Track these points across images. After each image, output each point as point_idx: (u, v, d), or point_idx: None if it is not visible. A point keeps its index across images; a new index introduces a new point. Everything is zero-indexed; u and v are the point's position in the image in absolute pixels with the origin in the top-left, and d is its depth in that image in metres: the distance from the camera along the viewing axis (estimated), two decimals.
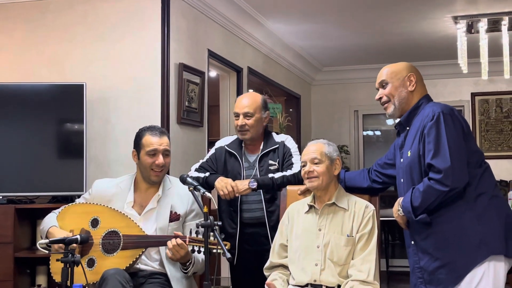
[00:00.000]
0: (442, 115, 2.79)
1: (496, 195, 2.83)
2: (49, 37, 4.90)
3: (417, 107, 2.99)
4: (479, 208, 2.76)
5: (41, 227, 3.34)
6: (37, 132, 4.42)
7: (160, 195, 3.37)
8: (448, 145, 2.72)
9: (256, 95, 3.82)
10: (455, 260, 2.75)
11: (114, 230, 3.19)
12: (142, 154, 3.35)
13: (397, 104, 3.01)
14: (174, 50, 4.81)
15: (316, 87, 9.24)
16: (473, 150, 2.84)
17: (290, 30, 6.89)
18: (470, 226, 2.74)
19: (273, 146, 3.74)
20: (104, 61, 4.77)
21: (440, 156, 2.73)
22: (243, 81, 6.31)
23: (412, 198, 2.82)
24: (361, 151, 9.16)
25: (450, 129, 2.77)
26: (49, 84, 4.54)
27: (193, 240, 3.08)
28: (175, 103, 4.82)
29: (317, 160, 3.21)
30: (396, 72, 3.02)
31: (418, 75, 3.04)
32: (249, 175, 3.68)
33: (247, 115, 3.68)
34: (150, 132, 3.39)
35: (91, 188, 3.49)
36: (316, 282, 3.09)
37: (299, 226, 3.24)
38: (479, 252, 2.71)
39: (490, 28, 6.31)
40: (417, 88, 3.01)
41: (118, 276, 2.96)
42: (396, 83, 3.01)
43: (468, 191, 2.77)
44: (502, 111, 8.52)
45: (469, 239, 2.73)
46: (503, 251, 2.73)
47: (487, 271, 2.71)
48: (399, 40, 7.27)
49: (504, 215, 2.79)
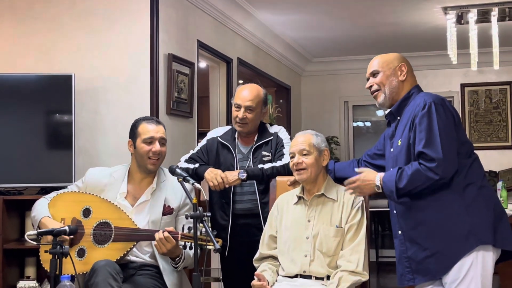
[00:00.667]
0: (434, 105, 2.79)
1: (485, 185, 2.84)
2: (37, 28, 4.86)
3: (408, 97, 2.98)
4: (468, 198, 2.77)
5: (32, 215, 3.31)
6: (25, 123, 4.39)
7: (154, 187, 3.36)
8: (440, 135, 2.73)
9: (260, 89, 3.77)
10: (444, 250, 2.76)
11: (106, 221, 3.18)
12: (138, 142, 3.34)
13: (387, 93, 3.01)
14: (163, 41, 4.78)
15: (307, 78, 9.23)
16: (462, 140, 2.84)
17: (280, 20, 6.88)
18: (459, 216, 2.75)
19: (268, 137, 3.72)
20: (92, 51, 4.74)
21: (432, 146, 2.73)
22: (233, 72, 6.29)
23: (397, 178, 2.80)
24: (351, 142, 9.18)
25: (442, 119, 2.77)
26: (37, 74, 4.51)
27: (185, 236, 3.06)
28: (165, 94, 4.80)
29: (305, 152, 3.20)
30: (387, 62, 3.02)
31: (409, 65, 3.04)
32: (242, 167, 3.65)
33: (249, 108, 3.64)
34: (146, 121, 3.39)
35: (84, 176, 3.46)
36: (305, 273, 3.10)
37: (288, 218, 3.24)
38: (468, 242, 2.72)
39: (479, 19, 6.32)
40: (408, 78, 3.01)
41: (109, 268, 2.95)
42: (387, 72, 3.00)
43: (457, 181, 2.77)
44: (492, 102, 8.55)
45: (458, 229, 2.74)
46: (492, 241, 2.74)
47: (476, 261, 2.72)
48: (389, 31, 7.27)
49: (492, 205, 2.81)
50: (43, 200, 3.37)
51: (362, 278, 3.05)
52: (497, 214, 2.80)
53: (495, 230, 2.76)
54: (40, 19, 4.86)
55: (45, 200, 3.36)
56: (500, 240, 2.76)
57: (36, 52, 4.84)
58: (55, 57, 4.80)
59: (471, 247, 2.72)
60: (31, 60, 4.83)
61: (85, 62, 4.72)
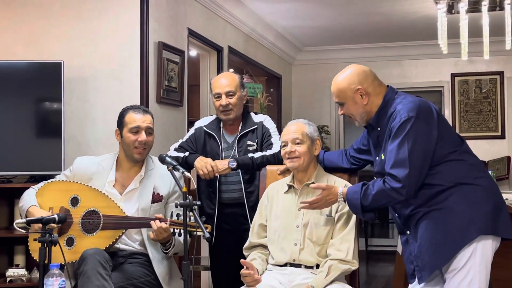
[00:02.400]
0: (408, 120, 2.72)
1: (482, 176, 2.82)
2: (25, 15, 4.82)
3: (383, 107, 2.87)
4: (466, 190, 2.76)
5: (20, 205, 3.31)
6: (14, 111, 4.37)
7: (142, 175, 3.36)
8: (409, 156, 2.69)
9: (233, 74, 3.82)
10: (445, 241, 2.74)
11: (94, 210, 3.17)
12: (124, 132, 3.33)
13: (359, 119, 2.94)
14: (154, 29, 4.76)
15: (297, 67, 9.22)
16: (448, 137, 2.81)
17: (271, 9, 6.85)
18: (459, 207, 2.73)
19: (252, 126, 3.73)
20: (82, 39, 4.71)
21: (400, 167, 2.71)
22: (223, 61, 6.27)
23: (361, 196, 2.82)
24: (342, 131, 9.18)
25: (417, 136, 2.71)
26: (26, 62, 4.48)
27: (173, 222, 3.07)
28: (155, 82, 4.78)
29: (298, 140, 3.20)
30: (343, 91, 2.89)
31: (367, 79, 2.88)
32: (227, 156, 3.66)
33: (229, 93, 3.65)
34: (133, 110, 3.38)
35: (72, 165, 3.46)
36: (295, 261, 3.10)
37: (279, 206, 3.25)
38: (468, 232, 2.71)
39: (470, 9, 6.31)
40: (372, 95, 2.87)
41: (98, 256, 2.95)
42: (349, 102, 2.90)
43: (452, 177, 2.76)
44: (482, 92, 8.57)
45: (458, 221, 2.72)
46: (491, 231, 2.73)
47: (475, 251, 2.70)
48: (380, 20, 7.26)
49: (491, 195, 2.79)
50: (31, 190, 3.36)
51: (351, 266, 3.06)
52: (497, 204, 2.77)
53: (495, 219, 2.74)
54: (30, 6, 4.82)
55: (32, 190, 3.35)
56: (500, 228, 2.75)
57: (25, 40, 4.80)
58: (44, 44, 4.76)
59: (471, 237, 2.70)
60: (20, 47, 4.79)
61: (74, 50, 4.70)
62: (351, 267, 3.06)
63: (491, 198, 2.78)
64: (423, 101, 2.82)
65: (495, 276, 2.86)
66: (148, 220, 3.12)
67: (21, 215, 3.29)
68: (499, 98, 8.52)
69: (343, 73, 2.93)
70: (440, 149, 2.77)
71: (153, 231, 3.11)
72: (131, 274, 3.12)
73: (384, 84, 2.94)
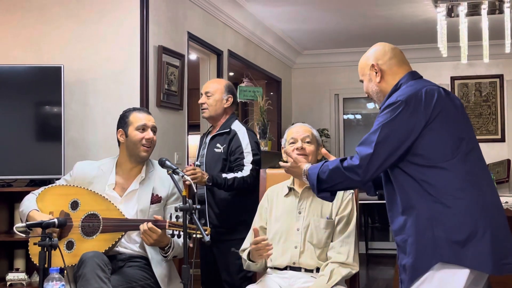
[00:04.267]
0: (394, 103, 2.54)
1: (468, 192, 2.48)
2: (25, 19, 4.83)
3: (394, 90, 2.69)
4: (440, 207, 2.48)
5: (21, 209, 3.31)
6: (14, 115, 4.37)
7: (143, 176, 3.37)
8: (379, 138, 2.51)
9: (222, 80, 4.18)
10: (410, 262, 2.54)
11: (94, 213, 3.18)
12: (130, 131, 3.35)
13: (375, 98, 2.81)
14: (154, 33, 4.76)
15: (297, 70, 9.22)
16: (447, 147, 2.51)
17: (270, 12, 6.86)
18: (425, 227, 2.49)
19: (225, 129, 3.93)
20: (82, 43, 4.72)
21: (366, 145, 2.54)
22: (223, 64, 6.28)
23: (319, 170, 2.65)
24: (342, 134, 9.19)
25: (396, 121, 2.51)
26: (26, 66, 4.49)
27: (172, 224, 3.07)
28: (155, 86, 4.79)
29: (308, 139, 3.26)
30: (362, 68, 2.80)
31: (384, 57, 2.74)
32: (202, 154, 3.99)
33: (207, 94, 3.98)
34: (137, 110, 3.45)
35: (72, 170, 3.46)
36: (295, 264, 3.11)
37: (279, 209, 3.26)
38: (428, 257, 2.48)
39: (470, 12, 6.32)
40: (388, 74, 2.72)
41: (97, 259, 2.95)
42: (365, 80, 2.79)
43: (430, 187, 2.50)
44: (481, 95, 8.58)
45: (422, 242, 2.49)
46: (455, 260, 2.43)
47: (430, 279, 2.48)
48: (380, 24, 7.27)
49: (469, 216, 2.46)
50: (31, 195, 3.37)
51: (352, 270, 3.06)
52: (476, 228, 2.43)
53: (465, 247, 2.42)
54: (30, 10, 4.83)
55: (33, 195, 3.36)
56: (469, 259, 2.42)
57: (25, 43, 4.81)
58: (44, 48, 4.77)
59: (430, 264, 2.46)
60: (20, 51, 4.80)
61: (75, 53, 4.70)
62: (352, 270, 3.07)
63: (468, 220, 2.44)
64: (427, 89, 2.59)
65: (494, 279, 2.78)
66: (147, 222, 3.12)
67: (22, 220, 3.29)
68: (499, 101, 8.52)
69: (368, 50, 2.83)
70: (431, 147, 2.51)
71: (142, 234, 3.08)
72: (130, 277, 3.12)
73: (406, 66, 2.76)
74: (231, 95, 4.00)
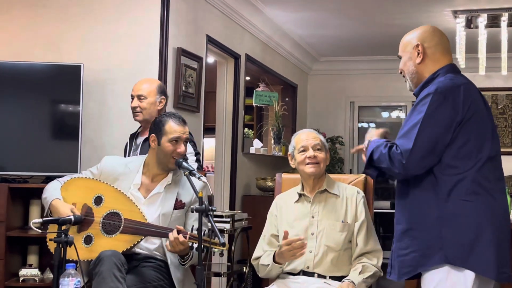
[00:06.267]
0: (432, 94, 2.49)
1: (482, 197, 2.48)
2: (47, 17, 4.87)
3: (431, 79, 2.62)
4: (450, 208, 2.48)
5: (44, 196, 3.29)
6: (32, 112, 4.40)
7: (169, 181, 3.33)
8: (419, 130, 2.46)
9: (153, 81, 3.99)
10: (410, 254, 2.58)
11: (116, 212, 3.16)
12: (163, 141, 3.28)
13: (408, 78, 2.73)
14: (173, 34, 4.78)
15: (313, 76, 9.23)
16: (465, 140, 2.49)
17: (289, 17, 6.87)
18: (432, 225, 2.51)
19: None
20: (101, 42, 4.74)
21: (407, 138, 2.48)
22: (240, 68, 6.30)
23: (375, 147, 2.61)
24: (356, 142, 9.15)
25: (433, 112, 2.47)
26: (46, 64, 4.52)
27: (193, 237, 3.03)
28: (172, 87, 4.80)
29: (319, 146, 3.26)
30: (405, 44, 2.73)
31: (431, 40, 2.67)
32: (135, 154, 3.83)
33: (140, 97, 3.82)
34: (173, 120, 3.32)
35: (100, 163, 3.44)
36: (308, 269, 3.11)
37: (290, 215, 3.26)
38: (433, 256, 2.48)
39: (489, 24, 6.31)
40: (429, 58, 2.66)
41: (114, 258, 2.94)
42: (405, 57, 2.72)
43: (444, 184, 2.50)
44: (498, 108, 8.54)
45: (427, 238, 2.51)
46: (461, 263, 2.45)
47: (444, 280, 2.49)
48: (398, 32, 7.19)
49: (477, 222, 2.46)
50: (56, 182, 3.36)
51: (381, 273, 3.16)
52: (482, 233, 2.44)
53: (471, 250, 2.43)
54: (51, 9, 4.87)
55: (58, 183, 3.35)
56: (475, 263, 2.43)
57: (45, 42, 4.84)
58: (64, 47, 4.80)
59: (431, 262, 2.48)
60: (40, 49, 4.83)
61: (93, 52, 4.73)
62: (380, 274, 3.15)
63: (475, 226, 2.45)
64: (467, 86, 2.56)
65: None
66: (168, 230, 3.08)
67: (45, 206, 3.30)
68: None
69: (416, 28, 2.75)
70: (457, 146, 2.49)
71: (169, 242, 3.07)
72: (145, 277, 3.11)
73: (449, 56, 2.71)
74: (164, 96, 3.88)
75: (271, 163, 7.54)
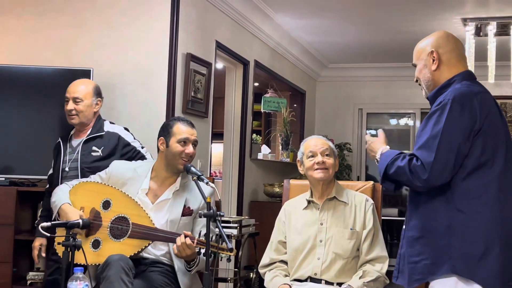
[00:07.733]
0: (450, 103, 2.46)
1: (491, 207, 2.47)
2: (57, 21, 4.89)
3: (447, 85, 2.60)
4: (461, 217, 2.48)
5: (53, 200, 3.32)
6: (42, 116, 4.42)
7: (178, 187, 3.35)
8: (439, 143, 2.43)
9: (89, 82, 3.94)
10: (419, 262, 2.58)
11: (124, 216, 3.17)
12: (172, 142, 3.31)
13: (424, 86, 2.71)
14: (182, 40, 4.80)
15: (322, 83, 9.23)
16: (481, 150, 2.47)
17: (298, 24, 6.88)
18: (441, 234, 2.51)
19: (100, 133, 3.78)
20: (112, 47, 4.76)
21: (427, 150, 2.45)
22: (249, 74, 6.31)
23: (390, 162, 2.58)
24: (364, 149, 9.14)
25: (452, 122, 2.44)
26: (56, 68, 4.54)
27: (200, 242, 3.04)
28: (181, 92, 4.82)
29: (327, 152, 3.27)
30: (419, 52, 2.70)
31: (446, 46, 2.65)
32: (70, 159, 3.75)
33: (76, 100, 3.77)
34: (181, 122, 3.38)
35: (108, 168, 3.46)
36: (316, 275, 3.11)
37: (298, 222, 3.26)
38: (442, 265, 2.49)
39: (498, 32, 6.30)
40: (445, 65, 2.63)
41: (122, 262, 2.95)
42: (420, 65, 2.69)
43: (457, 194, 2.49)
44: (507, 116, 8.51)
45: (436, 246, 2.52)
46: (468, 275, 2.44)
47: None
48: (407, 40, 7.24)
49: (486, 233, 2.46)
50: (65, 186, 3.38)
51: (386, 279, 3.14)
52: (491, 245, 2.44)
53: (478, 262, 2.43)
54: (61, 13, 4.89)
55: (66, 187, 3.37)
56: (481, 275, 2.43)
57: (56, 46, 4.86)
58: (73, 51, 4.82)
59: (439, 271, 2.48)
60: (50, 53, 4.85)
61: (104, 57, 4.75)
62: (386, 280, 3.14)
63: (484, 236, 2.45)
64: (484, 95, 2.55)
65: None
66: (176, 235, 3.09)
67: (53, 211, 3.31)
68: None
69: (430, 34, 2.73)
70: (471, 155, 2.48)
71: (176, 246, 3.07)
72: (152, 281, 3.12)
73: (464, 63, 2.69)
74: (100, 98, 3.87)
75: (279, 169, 7.54)
